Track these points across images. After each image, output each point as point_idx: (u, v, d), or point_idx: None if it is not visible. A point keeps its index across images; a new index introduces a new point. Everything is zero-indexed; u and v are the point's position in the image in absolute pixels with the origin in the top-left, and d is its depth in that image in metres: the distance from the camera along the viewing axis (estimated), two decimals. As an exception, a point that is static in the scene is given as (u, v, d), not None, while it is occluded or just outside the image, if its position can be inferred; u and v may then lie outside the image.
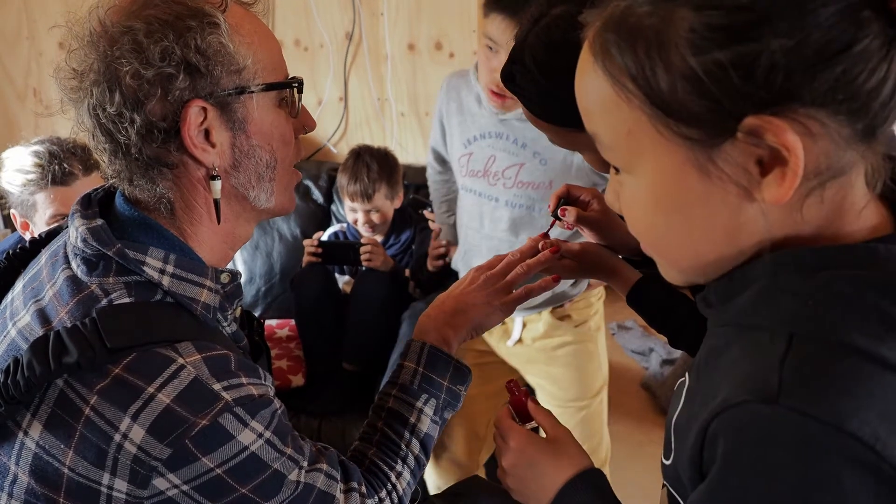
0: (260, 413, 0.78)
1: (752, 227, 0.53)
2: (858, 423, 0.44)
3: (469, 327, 1.01)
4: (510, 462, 0.82)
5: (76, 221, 0.81)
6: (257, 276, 2.49)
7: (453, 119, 1.65)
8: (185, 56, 0.76)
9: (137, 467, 0.72)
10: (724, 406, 0.49)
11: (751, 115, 0.48)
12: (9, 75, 2.83)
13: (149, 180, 0.81)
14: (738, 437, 0.49)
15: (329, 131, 2.60)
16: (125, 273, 0.78)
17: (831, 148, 0.49)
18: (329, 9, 2.47)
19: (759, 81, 0.47)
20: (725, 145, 0.50)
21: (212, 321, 0.83)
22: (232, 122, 0.81)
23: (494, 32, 1.41)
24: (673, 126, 0.51)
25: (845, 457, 0.44)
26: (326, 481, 0.84)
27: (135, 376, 0.72)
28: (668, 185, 0.54)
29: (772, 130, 0.48)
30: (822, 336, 0.48)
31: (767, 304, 0.52)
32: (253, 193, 0.86)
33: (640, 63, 0.51)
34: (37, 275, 0.84)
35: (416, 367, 0.97)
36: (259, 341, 1.01)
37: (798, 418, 0.46)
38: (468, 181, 1.63)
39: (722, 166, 0.51)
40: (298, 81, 0.86)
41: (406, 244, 2.25)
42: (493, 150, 1.57)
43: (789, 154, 0.48)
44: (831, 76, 0.46)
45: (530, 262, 1.03)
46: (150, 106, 0.77)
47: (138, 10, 0.76)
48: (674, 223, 0.56)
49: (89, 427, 0.72)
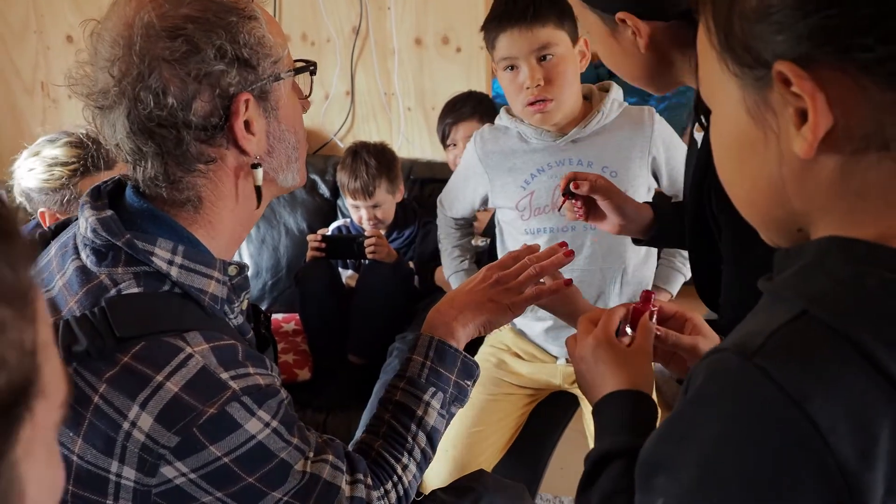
0: (267, 402, 0.79)
1: (796, 185, 0.53)
2: (819, 409, 0.44)
3: (478, 323, 1.02)
4: (583, 353, 0.85)
5: (86, 212, 0.81)
6: (264, 271, 2.50)
7: (499, 169, 1.56)
8: (235, 52, 0.78)
9: (145, 455, 0.73)
10: (711, 351, 0.51)
11: (779, 60, 0.48)
12: (16, 69, 2.84)
13: (186, 178, 0.82)
14: (705, 378, 0.50)
15: (336, 126, 2.61)
16: (134, 263, 0.79)
17: (866, 110, 0.48)
18: (336, 3, 2.47)
19: (791, 27, 0.47)
20: (771, 91, 0.50)
21: (219, 312, 0.84)
22: (267, 110, 0.84)
23: (512, 49, 1.37)
24: (729, 62, 0.52)
25: (793, 435, 0.44)
26: (332, 472, 0.85)
27: (143, 365, 0.73)
28: (728, 123, 0.56)
29: (794, 78, 0.48)
30: (830, 320, 0.47)
31: (804, 280, 0.51)
32: (282, 176, 0.90)
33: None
34: (46, 265, 0.85)
35: (424, 361, 0.98)
36: (266, 334, 1.02)
37: (759, 378, 0.46)
38: (535, 223, 1.53)
39: (765, 112, 0.51)
40: (313, 63, 0.91)
41: (409, 239, 2.25)
42: (557, 180, 1.46)
43: (810, 103, 0.47)
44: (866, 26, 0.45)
45: (544, 263, 1.03)
46: (200, 103, 0.78)
47: (172, 10, 0.77)
48: (734, 166, 0.58)
49: (98, 415, 0.72)
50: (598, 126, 1.45)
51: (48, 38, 2.76)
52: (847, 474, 0.43)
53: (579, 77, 1.44)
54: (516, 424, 1.69)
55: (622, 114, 1.49)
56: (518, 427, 1.70)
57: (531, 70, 1.36)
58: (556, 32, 1.36)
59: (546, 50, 1.36)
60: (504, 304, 1.02)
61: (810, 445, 0.43)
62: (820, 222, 0.54)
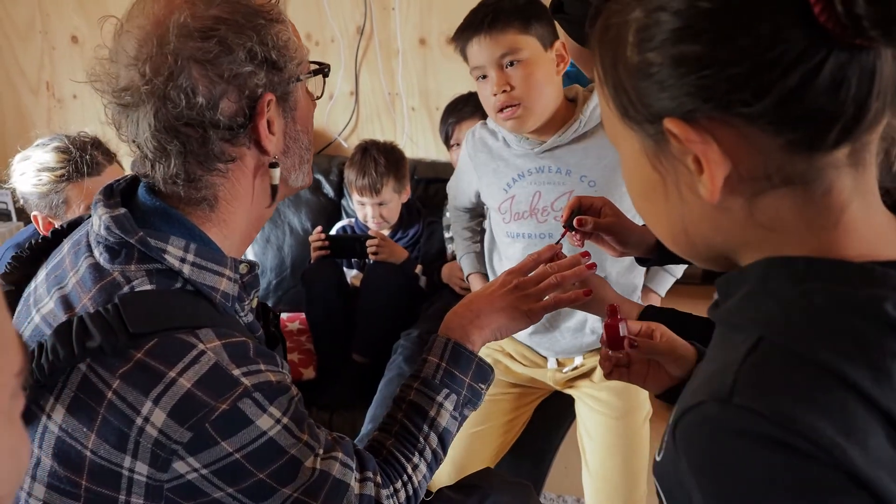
0: (278, 399, 0.79)
1: (709, 224, 0.54)
2: (812, 429, 0.44)
3: (494, 328, 1.02)
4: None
5: (99, 210, 0.82)
6: (268, 270, 2.51)
7: (485, 168, 1.56)
8: (264, 54, 0.80)
9: (158, 451, 0.73)
10: (683, 409, 0.50)
11: (667, 117, 0.50)
12: (22, 69, 2.84)
13: (205, 176, 0.83)
14: (691, 442, 0.49)
15: (340, 126, 2.61)
16: (147, 261, 0.79)
17: (760, 155, 0.49)
18: (340, 3, 2.48)
19: (672, 86, 0.49)
20: (668, 143, 0.52)
21: (230, 310, 0.85)
22: (286, 111, 0.86)
23: (478, 58, 1.37)
24: (622, 117, 0.55)
25: (803, 460, 0.44)
26: (342, 469, 0.85)
27: (156, 361, 0.74)
28: (633, 169, 0.57)
29: (681, 134, 0.49)
30: (788, 344, 0.48)
31: (750, 306, 0.52)
32: (294, 175, 0.91)
33: (609, 50, 0.54)
34: (59, 263, 0.86)
35: (438, 362, 0.98)
36: (275, 332, 1.02)
37: (747, 415, 0.46)
38: (514, 227, 1.53)
39: (665, 161, 0.53)
40: (328, 66, 0.93)
41: (414, 238, 2.26)
42: (536, 186, 1.48)
43: (701, 156, 0.49)
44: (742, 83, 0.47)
45: (565, 273, 1.03)
46: (227, 103, 0.80)
47: (203, 11, 0.78)
48: (646, 206, 0.59)
49: (111, 410, 0.73)
50: (576, 134, 1.42)
51: (53, 38, 2.77)
52: (864, 482, 0.43)
53: (557, 81, 1.41)
54: (516, 424, 1.69)
55: None
56: (520, 427, 1.70)
57: (497, 77, 1.35)
58: (519, 38, 1.34)
59: (511, 56, 1.34)
60: (522, 310, 1.02)
61: (823, 461, 0.43)
62: (743, 251, 0.55)
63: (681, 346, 0.91)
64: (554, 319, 1.55)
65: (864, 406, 0.45)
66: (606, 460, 1.56)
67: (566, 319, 1.54)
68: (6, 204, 2.58)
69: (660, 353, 0.91)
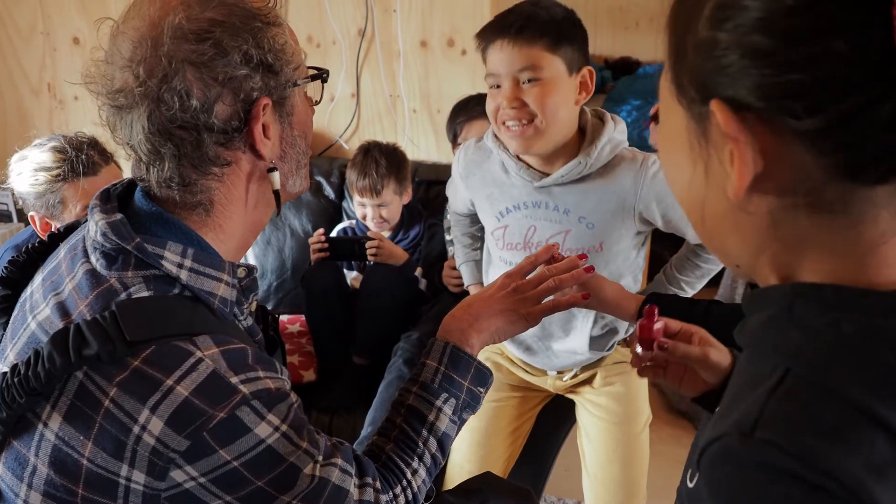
0: (276, 406, 0.79)
1: (732, 221, 0.53)
2: (836, 466, 0.42)
3: (492, 331, 1.02)
4: None
5: (96, 216, 0.81)
6: (269, 272, 2.50)
7: (478, 193, 1.48)
8: (260, 57, 0.79)
9: (155, 459, 0.73)
10: (709, 440, 0.49)
11: (715, 99, 0.48)
12: (24, 70, 2.84)
13: (200, 180, 0.82)
14: (713, 474, 0.48)
15: (341, 128, 2.61)
16: (144, 267, 0.79)
17: (797, 171, 0.47)
18: (342, 5, 2.47)
19: (732, 73, 0.47)
20: (709, 126, 0.50)
21: (229, 315, 0.84)
22: (282, 116, 0.85)
23: (496, 65, 1.26)
24: (676, 91, 0.53)
25: (822, 489, 0.42)
26: (341, 476, 0.84)
27: (154, 369, 0.73)
28: (671, 143, 0.56)
29: (723, 122, 0.48)
30: (816, 378, 0.46)
31: (776, 332, 0.51)
32: (291, 181, 0.91)
33: (683, 16, 0.52)
34: (56, 268, 0.85)
35: (437, 366, 0.98)
36: (274, 336, 1.02)
37: (769, 449, 0.44)
38: (506, 254, 1.46)
39: (705, 144, 0.52)
40: (327, 72, 0.93)
41: (415, 240, 2.25)
42: (531, 221, 1.40)
43: (735, 147, 0.48)
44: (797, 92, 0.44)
45: (563, 277, 1.03)
46: (222, 106, 0.79)
47: (199, 13, 0.77)
48: (673, 177, 0.58)
49: (108, 419, 0.72)
50: (578, 175, 1.32)
51: (55, 39, 2.77)
52: None
53: (573, 111, 1.31)
54: (525, 428, 1.68)
55: (613, 161, 1.33)
56: (525, 435, 1.69)
57: (511, 90, 1.25)
58: (544, 55, 1.23)
59: (530, 72, 1.23)
60: (520, 314, 1.02)
61: (845, 500, 0.42)
62: (759, 263, 0.54)
63: (715, 353, 0.89)
64: (546, 341, 1.52)
65: (893, 445, 0.43)
66: (605, 465, 1.56)
67: (558, 341, 1.51)
68: (7, 205, 2.58)
69: (691, 359, 0.89)
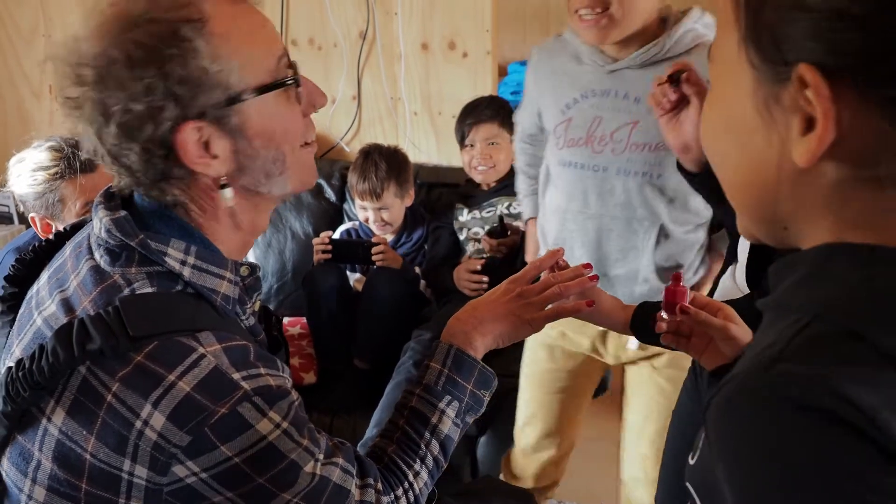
0: (278, 403, 0.79)
1: (790, 188, 0.52)
2: (856, 393, 0.42)
3: (496, 335, 1.02)
4: None
5: (100, 213, 0.82)
6: (269, 274, 2.51)
7: (546, 86, 1.44)
8: (168, 88, 0.75)
9: (157, 454, 0.73)
10: (722, 383, 0.48)
11: (804, 64, 0.46)
12: (25, 72, 2.85)
13: (159, 191, 0.81)
14: (719, 420, 0.46)
15: (342, 130, 2.62)
16: (147, 263, 0.79)
17: (877, 143, 0.46)
18: (343, 8, 2.48)
19: (825, 39, 0.45)
20: (786, 90, 0.49)
21: (231, 312, 0.84)
22: (229, 131, 0.79)
23: None
24: (750, 51, 0.51)
25: (838, 418, 0.41)
26: (342, 475, 0.85)
27: (156, 364, 0.73)
28: (731, 108, 0.54)
29: (813, 85, 0.46)
30: (842, 323, 0.46)
31: (809, 286, 0.50)
32: (265, 189, 0.86)
33: None
34: (62, 266, 0.86)
35: (441, 369, 0.98)
36: (277, 335, 1.02)
37: (783, 380, 0.44)
38: (566, 154, 1.40)
39: (775, 110, 0.50)
40: (293, 78, 0.82)
41: (418, 243, 2.26)
42: (597, 111, 1.35)
43: (821, 114, 0.46)
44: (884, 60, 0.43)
45: (568, 284, 1.02)
46: (144, 134, 0.76)
47: (119, 34, 0.75)
48: (728, 151, 0.56)
49: (111, 413, 0.73)
50: (654, 58, 1.29)
51: (56, 41, 2.78)
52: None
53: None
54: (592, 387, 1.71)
55: (696, 48, 1.29)
56: None
57: None
58: None
59: None
60: (524, 319, 1.02)
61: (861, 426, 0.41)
62: (807, 230, 0.53)
63: (736, 328, 0.91)
64: (602, 267, 1.47)
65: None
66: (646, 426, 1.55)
67: (616, 264, 1.46)
68: (8, 207, 2.59)
69: (711, 327, 0.91)
